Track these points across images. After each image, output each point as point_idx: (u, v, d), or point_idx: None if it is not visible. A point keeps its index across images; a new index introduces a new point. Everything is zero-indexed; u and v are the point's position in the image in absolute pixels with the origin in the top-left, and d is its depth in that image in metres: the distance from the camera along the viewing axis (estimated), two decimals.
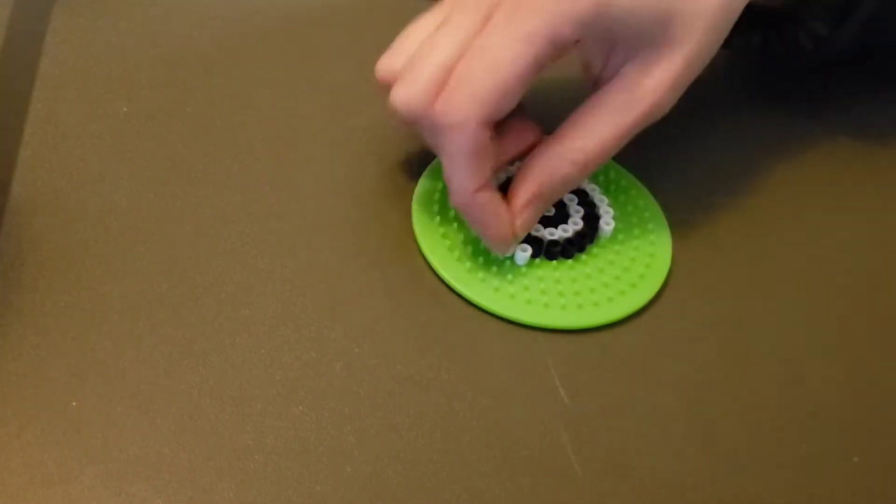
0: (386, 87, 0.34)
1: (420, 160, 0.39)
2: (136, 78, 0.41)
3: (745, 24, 0.35)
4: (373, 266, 0.36)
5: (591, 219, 0.37)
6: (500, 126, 0.34)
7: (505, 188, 0.36)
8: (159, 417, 0.31)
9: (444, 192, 0.38)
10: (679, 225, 0.39)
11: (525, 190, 0.34)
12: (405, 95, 0.33)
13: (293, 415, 0.31)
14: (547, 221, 0.37)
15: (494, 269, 0.36)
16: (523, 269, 0.36)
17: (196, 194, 0.37)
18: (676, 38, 0.33)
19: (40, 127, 0.38)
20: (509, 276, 0.35)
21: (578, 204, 0.37)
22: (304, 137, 0.40)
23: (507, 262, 0.36)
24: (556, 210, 0.37)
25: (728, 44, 0.36)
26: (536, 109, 0.36)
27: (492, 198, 0.34)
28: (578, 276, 0.36)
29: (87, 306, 0.33)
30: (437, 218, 0.37)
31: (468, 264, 0.36)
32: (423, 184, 0.38)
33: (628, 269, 0.37)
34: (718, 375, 0.34)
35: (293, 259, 0.35)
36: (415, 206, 0.37)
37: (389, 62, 0.35)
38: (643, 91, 0.34)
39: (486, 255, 0.36)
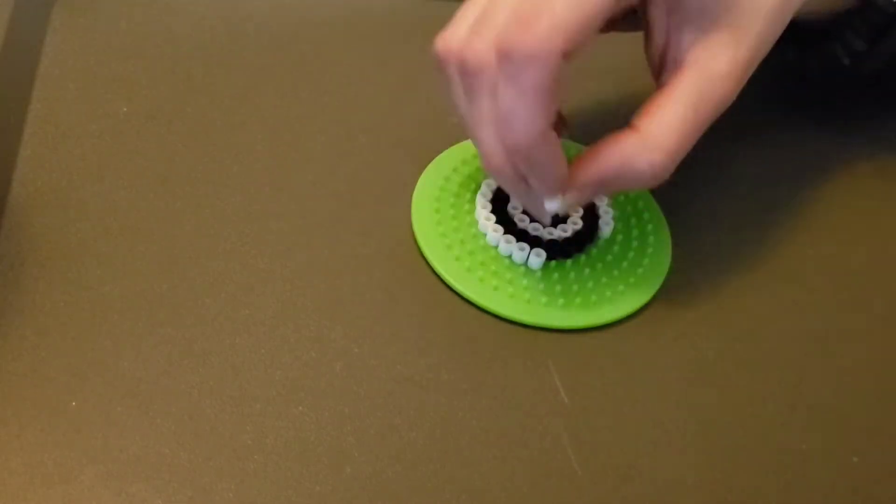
0: (447, 58, 0.32)
1: (420, 160, 0.39)
2: (136, 78, 0.41)
3: (781, 38, 0.34)
4: (373, 266, 0.36)
5: (591, 219, 0.37)
6: None
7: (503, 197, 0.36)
8: (159, 417, 0.31)
9: (444, 191, 0.38)
10: (678, 225, 0.39)
11: (593, 170, 0.33)
12: (475, 51, 0.31)
13: (293, 415, 0.31)
14: None
15: (493, 268, 0.36)
16: (522, 269, 0.36)
17: (196, 194, 0.37)
18: (742, 24, 0.32)
19: (40, 127, 0.38)
20: (508, 276, 0.36)
21: None
22: (304, 137, 0.40)
23: (507, 262, 0.36)
24: (555, 210, 0.37)
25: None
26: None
27: (554, 139, 0.31)
28: (578, 275, 0.36)
29: (87, 306, 0.33)
30: (437, 217, 0.37)
31: (467, 263, 0.36)
32: (422, 183, 0.38)
33: (627, 269, 0.37)
34: (718, 375, 0.34)
35: (293, 259, 0.35)
36: (414, 206, 0.37)
37: (455, 31, 0.32)
38: (716, 81, 0.32)
39: (485, 254, 0.36)
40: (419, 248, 0.36)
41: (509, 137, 0.31)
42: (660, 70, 0.34)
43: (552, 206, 0.34)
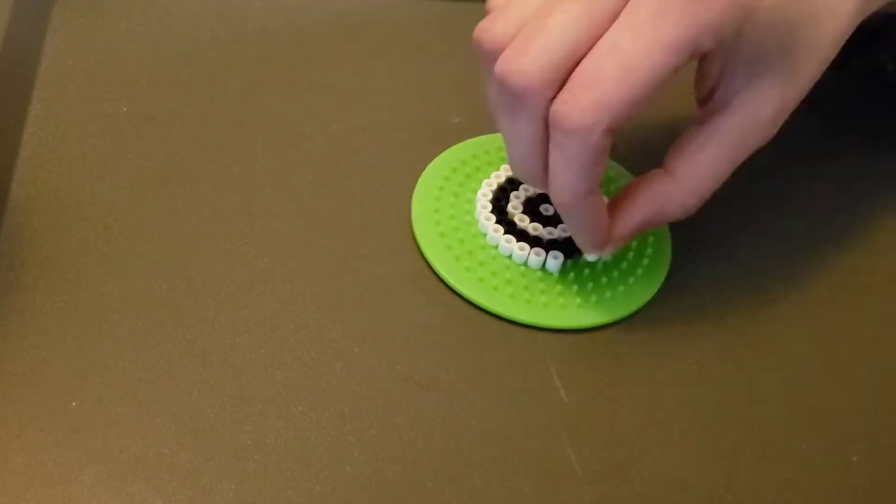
0: (489, 56, 0.31)
1: (420, 160, 0.39)
2: (136, 78, 0.41)
3: None
4: (373, 266, 0.36)
5: None
6: None
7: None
8: (159, 417, 0.31)
9: (444, 191, 0.38)
10: (677, 224, 0.39)
11: (632, 217, 0.34)
12: (521, 71, 0.30)
13: (293, 415, 0.31)
14: (546, 221, 0.37)
15: (493, 268, 0.36)
16: (522, 269, 0.36)
17: (196, 194, 0.37)
18: (794, 68, 0.32)
19: (40, 127, 0.38)
20: (508, 276, 0.36)
21: None
22: (304, 137, 0.40)
23: (507, 262, 0.36)
24: (555, 210, 0.37)
25: (844, 66, 0.35)
26: None
27: (597, 202, 0.32)
28: (577, 275, 0.36)
29: (87, 306, 0.33)
30: (437, 217, 0.37)
31: (466, 263, 0.36)
32: (422, 183, 0.38)
33: (627, 269, 0.37)
34: (718, 375, 0.34)
35: (293, 259, 0.35)
36: (414, 206, 0.37)
37: (501, 26, 0.31)
38: (759, 124, 0.32)
39: (484, 254, 0.36)
40: (419, 249, 0.36)
41: (554, 195, 0.32)
42: (704, 103, 0.34)
43: (591, 258, 0.35)
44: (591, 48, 0.29)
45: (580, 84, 0.29)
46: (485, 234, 0.37)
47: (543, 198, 0.37)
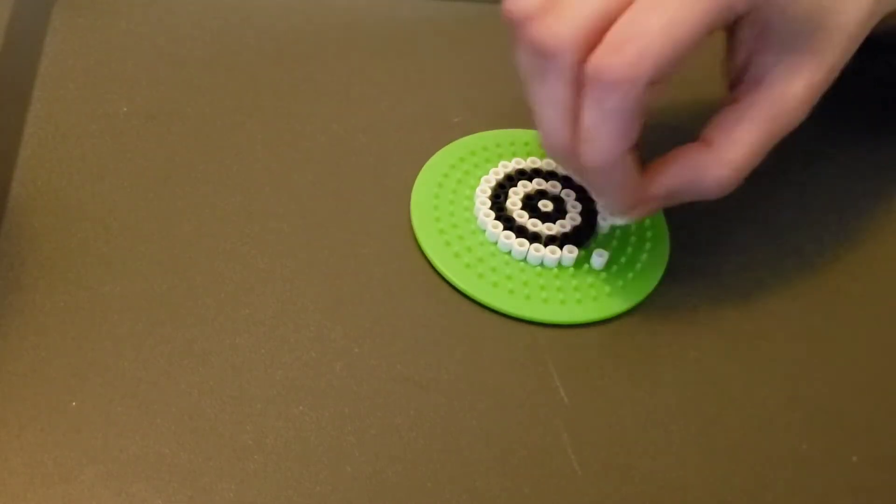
0: (518, 22, 0.31)
1: (419, 159, 0.39)
2: (136, 78, 0.41)
3: None
4: (373, 265, 0.36)
5: (589, 214, 0.37)
6: None
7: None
8: (159, 417, 0.31)
9: (443, 187, 0.38)
10: (676, 220, 0.39)
11: (663, 183, 0.34)
12: (552, 31, 0.30)
13: (293, 415, 0.31)
14: (545, 216, 0.37)
15: (492, 264, 0.36)
16: (521, 265, 0.36)
17: (196, 194, 0.37)
18: (823, 47, 0.33)
19: (40, 127, 0.38)
20: (507, 272, 0.36)
21: (577, 199, 0.38)
22: (304, 137, 0.40)
23: (506, 258, 0.36)
24: (554, 205, 0.37)
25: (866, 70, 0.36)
26: None
27: (631, 162, 0.32)
28: (576, 271, 0.36)
29: (87, 306, 0.33)
30: (436, 214, 0.37)
31: (466, 260, 0.36)
32: (421, 180, 0.38)
33: (626, 264, 0.37)
34: (718, 375, 0.34)
35: (293, 259, 0.35)
36: (413, 203, 0.37)
37: None
38: (791, 102, 0.33)
39: (483, 250, 0.36)
40: (419, 245, 0.36)
41: (587, 155, 0.32)
42: (735, 83, 0.34)
43: (619, 222, 0.36)
44: (621, 12, 0.30)
45: (622, 36, 0.29)
46: (484, 231, 0.37)
47: (542, 194, 0.37)
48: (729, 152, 0.33)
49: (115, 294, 0.33)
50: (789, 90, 0.33)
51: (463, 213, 0.37)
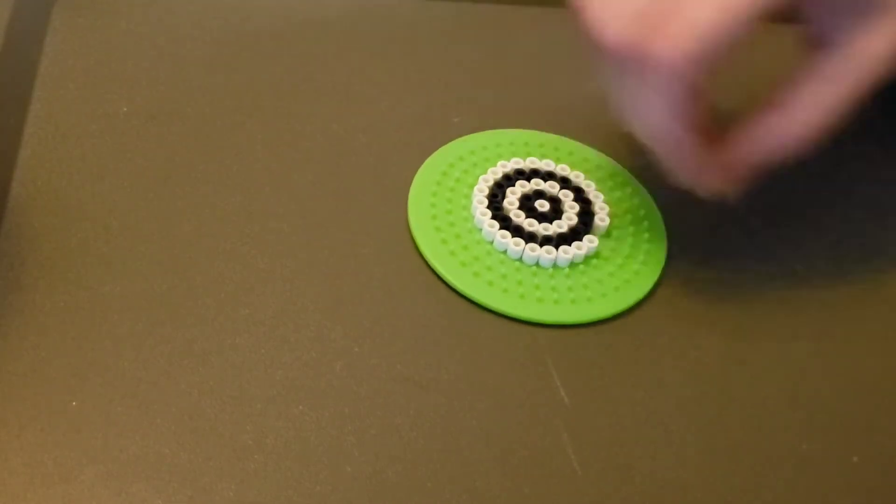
0: (581, 23, 0.32)
1: (419, 158, 0.39)
2: (136, 78, 0.41)
3: None
4: (371, 264, 0.36)
5: (587, 214, 0.37)
6: None
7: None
8: (159, 417, 0.31)
9: (441, 186, 0.38)
10: (674, 221, 0.39)
11: (751, 152, 0.34)
12: (619, 31, 0.31)
13: (293, 415, 0.31)
14: (541, 217, 0.37)
15: (488, 264, 0.36)
16: (517, 264, 0.36)
17: (196, 194, 0.37)
18: (892, 5, 0.32)
19: (40, 127, 0.38)
20: (503, 271, 0.36)
21: (574, 200, 0.38)
22: (304, 137, 0.40)
23: (502, 257, 0.36)
24: (551, 205, 0.37)
25: None
26: None
27: (689, 144, 0.32)
28: (572, 271, 0.36)
29: (87, 306, 0.33)
30: (433, 212, 0.37)
31: (462, 259, 0.36)
32: (419, 180, 0.38)
33: (623, 265, 0.37)
34: (717, 373, 0.34)
35: (293, 259, 0.35)
36: (411, 202, 0.37)
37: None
38: (865, 58, 0.33)
39: (479, 249, 0.36)
40: (416, 245, 0.36)
41: (646, 129, 0.32)
42: (815, 47, 0.34)
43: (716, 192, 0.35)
44: None
45: (674, 14, 0.30)
46: (480, 230, 0.37)
47: (539, 194, 0.38)
48: (805, 112, 0.33)
49: (115, 294, 0.33)
50: (864, 49, 0.33)
51: (460, 212, 0.37)
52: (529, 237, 0.36)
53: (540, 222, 0.37)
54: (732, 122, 0.35)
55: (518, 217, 0.37)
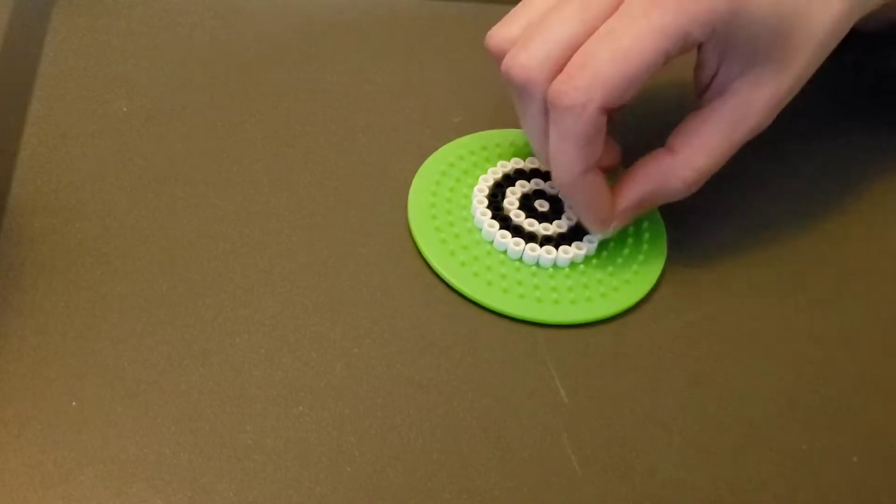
0: (497, 56, 0.34)
1: (417, 158, 0.39)
2: (136, 78, 0.41)
3: (839, 45, 0.35)
4: (371, 264, 0.36)
5: None
6: None
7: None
8: (159, 417, 0.31)
9: (441, 185, 0.38)
10: (674, 221, 0.39)
11: (631, 194, 0.35)
12: (522, 65, 0.33)
13: (293, 415, 0.31)
14: (541, 216, 0.37)
15: (487, 263, 0.36)
16: (517, 264, 0.36)
17: (196, 194, 0.37)
18: (788, 57, 0.34)
19: (40, 127, 0.38)
20: (503, 271, 0.36)
21: None
22: (304, 137, 0.40)
23: (502, 257, 0.36)
24: (550, 205, 0.37)
25: (863, 68, 0.37)
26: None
27: (595, 181, 0.34)
28: (572, 271, 0.36)
29: (87, 306, 0.33)
30: (433, 212, 0.37)
31: (462, 258, 0.36)
32: (419, 179, 0.38)
33: (622, 265, 0.37)
34: (717, 373, 0.34)
35: (293, 259, 0.35)
36: (411, 202, 0.37)
37: (506, 30, 0.34)
38: (753, 109, 0.34)
39: (479, 249, 0.36)
40: (416, 244, 0.36)
41: (554, 174, 0.34)
42: (704, 91, 0.35)
43: (601, 235, 0.36)
44: (585, 40, 0.32)
45: (576, 65, 0.32)
46: (480, 230, 0.37)
47: (539, 194, 0.38)
48: (691, 158, 0.35)
49: (115, 294, 0.33)
50: (753, 98, 0.34)
51: (460, 212, 0.37)
52: (529, 237, 0.36)
53: (540, 222, 0.37)
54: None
55: (518, 217, 0.37)
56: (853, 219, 0.41)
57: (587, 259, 0.36)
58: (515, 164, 0.39)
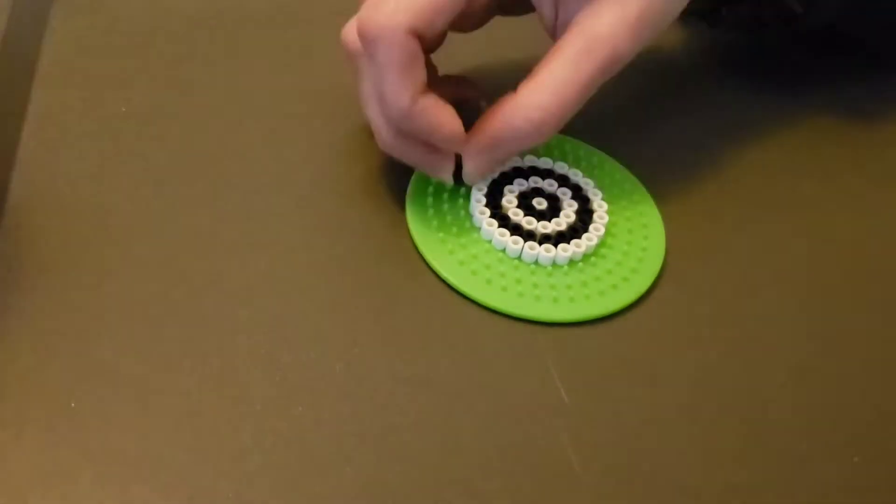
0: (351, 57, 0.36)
1: None
2: (136, 78, 0.41)
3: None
4: (371, 264, 0.36)
5: (585, 212, 0.37)
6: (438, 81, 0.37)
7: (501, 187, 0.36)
8: (159, 417, 0.31)
9: (438, 184, 0.38)
10: (673, 218, 0.39)
11: (480, 138, 0.35)
12: (346, 31, 0.35)
13: (293, 415, 0.31)
14: (540, 215, 0.37)
15: (486, 261, 0.36)
16: (515, 262, 0.36)
17: (196, 194, 0.37)
18: None
19: (40, 127, 0.38)
20: (501, 269, 0.36)
21: (572, 198, 0.38)
22: (304, 137, 0.40)
23: (499, 255, 0.36)
24: (549, 203, 0.37)
25: (719, 20, 0.36)
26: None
27: (428, 105, 0.33)
28: (571, 269, 0.36)
29: (87, 306, 0.33)
30: (431, 210, 0.37)
31: (460, 257, 0.36)
32: (416, 180, 0.38)
33: (621, 262, 0.37)
34: (717, 373, 0.34)
35: (293, 259, 0.35)
36: (409, 200, 0.37)
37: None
38: (598, 38, 0.33)
39: (477, 247, 0.36)
40: (414, 243, 0.36)
41: (384, 111, 0.34)
42: (552, 33, 0.36)
43: (446, 176, 0.36)
44: None
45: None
46: (479, 228, 0.37)
47: (538, 192, 0.38)
48: (535, 96, 0.34)
49: (115, 294, 0.33)
50: (595, 27, 0.33)
51: (458, 211, 0.37)
52: (528, 235, 0.36)
53: (538, 220, 0.37)
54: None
55: (516, 215, 0.37)
56: (852, 218, 0.41)
57: (586, 257, 0.37)
58: (514, 161, 0.39)
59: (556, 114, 0.34)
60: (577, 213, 0.37)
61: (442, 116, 0.34)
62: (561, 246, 0.36)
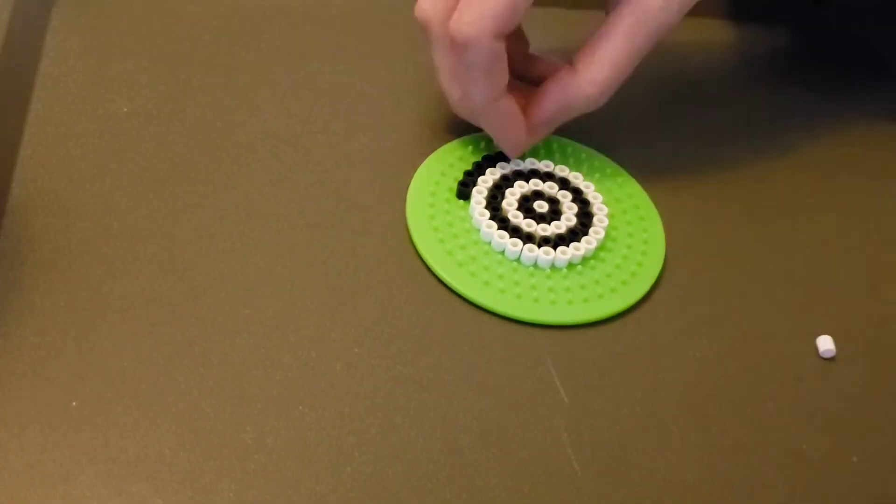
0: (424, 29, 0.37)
1: (417, 158, 0.39)
2: (136, 78, 0.41)
3: None
4: (371, 265, 0.36)
5: (585, 215, 0.37)
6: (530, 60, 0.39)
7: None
8: (159, 417, 0.31)
9: (440, 185, 0.38)
10: (672, 221, 0.39)
11: (541, 114, 0.37)
12: (421, 8, 0.36)
13: (293, 415, 0.31)
14: (540, 217, 0.37)
15: (485, 264, 0.36)
16: (514, 265, 0.36)
17: (196, 194, 0.37)
18: None
19: (40, 127, 0.38)
20: (500, 272, 0.36)
21: (572, 201, 0.38)
22: (304, 137, 0.40)
23: (499, 257, 0.36)
24: (549, 206, 0.37)
25: None
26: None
27: (507, 106, 0.36)
28: (570, 272, 0.36)
29: (87, 306, 0.33)
30: (431, 212, 0.37)
31: (459, 258, 0.36)
32: (418, 179, 0.38)
33: (620, 266, 0.37)
34: (716, 373, 0.34)
35: (293, 259, 0.35)
36: (409, 201, 0.37)
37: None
38: (648, 11, 0.35)
39: (477, 249, 0.36)
40: (414, 244, 0.36)
41: (470, 103, 0.37)
42: (608, 9, 0.37)
43: (516, 156, 0.39)
44: None
45: (464, 3, 0.34)
46: (479, 231, 0.37)
47: (538, 194, 0.38)
48: (591, 72, 0.36)
49: (115, 294, 0.33)
50: (647, 3, 0.35)
51: (458, 213, 0.37)
52: (528, 238, 0.36)
53: (538, 223, 0.37)
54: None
55: (516, 218, 0.37)
56: (852, 217, 0.41)
57: (585, 260, 0.37)
58: (515, 164, 0.39)
59: (611, 87, 0.36)
60: (578, 215, 0.37)
61: (511, 123, 0.37)
62: (560, 249, 0.36)
